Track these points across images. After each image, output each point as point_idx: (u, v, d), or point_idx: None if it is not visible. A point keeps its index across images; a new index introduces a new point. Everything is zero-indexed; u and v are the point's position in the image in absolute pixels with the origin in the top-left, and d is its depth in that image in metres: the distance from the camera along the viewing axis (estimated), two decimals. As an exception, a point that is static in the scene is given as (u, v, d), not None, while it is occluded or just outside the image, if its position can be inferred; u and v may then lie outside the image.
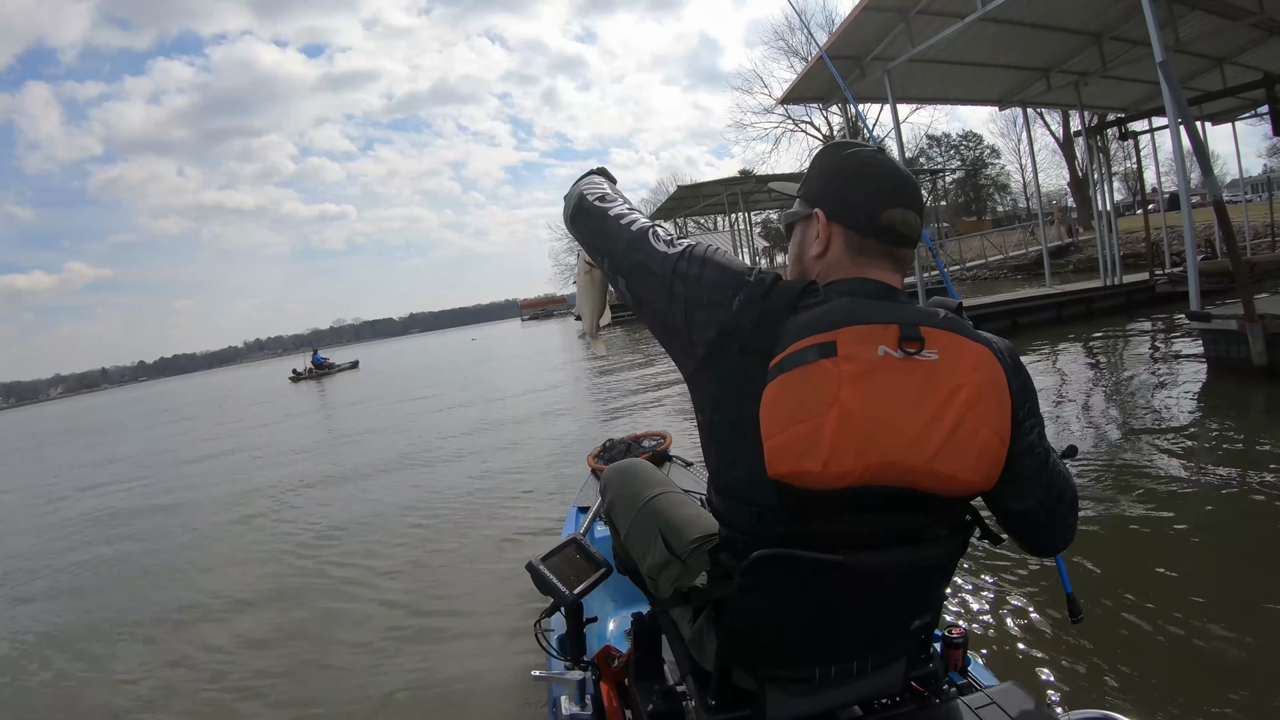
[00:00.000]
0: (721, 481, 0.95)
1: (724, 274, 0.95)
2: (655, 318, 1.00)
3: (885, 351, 0.83)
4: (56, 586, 4.67)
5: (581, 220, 1.12)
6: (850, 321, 0.85)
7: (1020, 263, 23.29)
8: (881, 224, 0.93)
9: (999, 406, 0.86)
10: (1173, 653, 2.16)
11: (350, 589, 3.76)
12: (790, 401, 0.82)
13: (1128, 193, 30.67)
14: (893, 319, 0.86)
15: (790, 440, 0.82)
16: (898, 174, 0.95)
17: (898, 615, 0.98)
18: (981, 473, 0.85)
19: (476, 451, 7.20)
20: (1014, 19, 9.19)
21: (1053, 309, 11.01)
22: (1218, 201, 6.35)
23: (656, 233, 1.03)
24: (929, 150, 42.10)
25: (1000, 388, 0.87)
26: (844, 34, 9.60)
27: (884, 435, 0.81)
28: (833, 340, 0.83)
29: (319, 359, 30.82)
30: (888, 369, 0.83)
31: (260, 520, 5.65)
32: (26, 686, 3.17)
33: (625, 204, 1.10)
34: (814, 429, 0.81)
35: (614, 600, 1.91)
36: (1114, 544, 2.96)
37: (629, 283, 1.03)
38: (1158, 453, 4.01)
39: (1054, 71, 11.31)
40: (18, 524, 7.39)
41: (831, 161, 0.99)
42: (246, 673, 2.92)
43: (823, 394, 0.81)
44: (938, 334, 0.86)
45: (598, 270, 1.27)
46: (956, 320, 0.90)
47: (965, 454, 0.83)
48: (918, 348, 0.84)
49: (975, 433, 0.84)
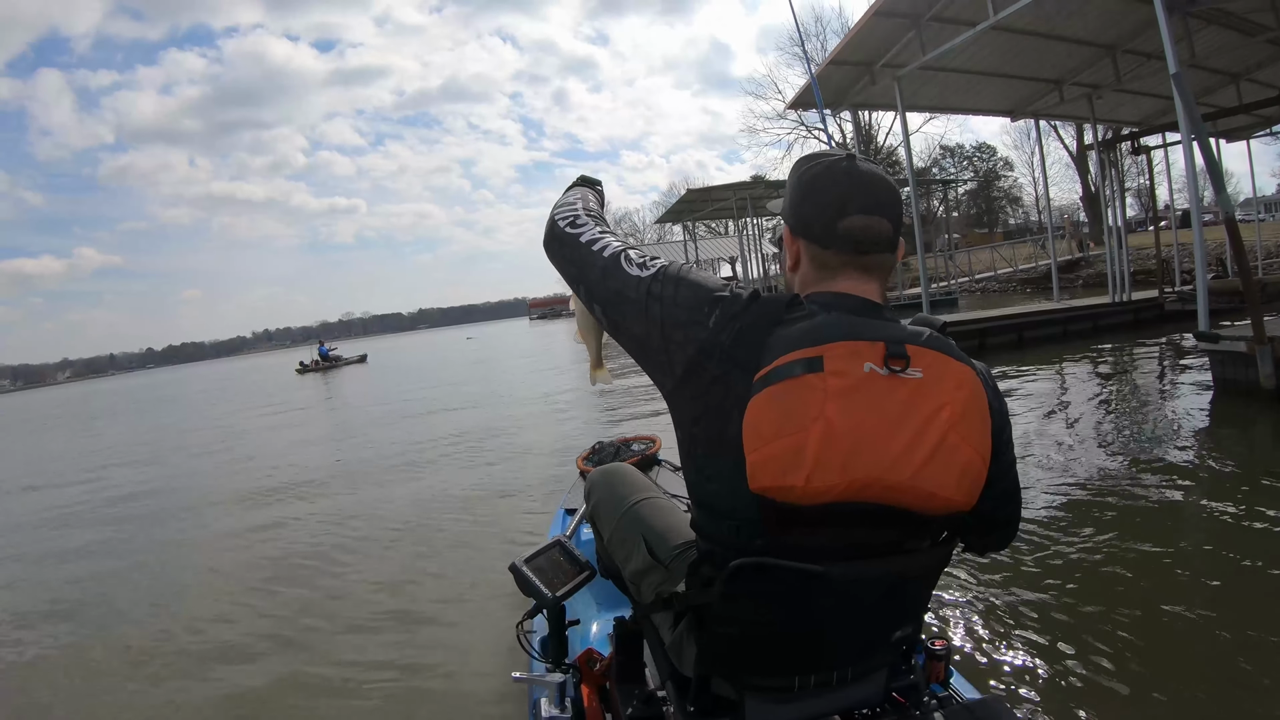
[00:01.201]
0: (700, 495, 0.96)
1: (698, 291, 0.96)
2: (633, 340, 1.00)
3: (871, 368, 0.84)
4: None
5: (555, 248, 1.12)
6: (839, 337, 0.85)
7: (1029, 276, 23.20)
8: (838, 233, 0.93)
9: (981, 426, 0.87)
10: (1158, 674, 2.14)
11: (325, 583, 3.74)
12: (775, 415, 0.82)
13: (1140, 209, 30.51)
14: (880, 336, 0.86)
15: (774, 454, 0.82)
16: (855, 181, 0.94)
17: (879, 626, 0.98)
18: (963, 491, 0.85)
19: (467, 449, 7.19)
20: (1026, 29, 9.15)
21: (1059, 325, 10.90)
22: (1230, 219, 6.28)
23: (629, 256, 1.03)
24: (942, 161, 42.06)
25: (982, 408, 0.88)
26: (854, 40, 9.59)
27: (867, 452, 0.81)
28: (820, 355, 0.83)
29: (325, 351, 30.99)
30: (873, 386, 0.83)
31: (244, 517, 5.62)
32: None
33: (597, 227, 1.10)
34: (798, 443, 0.81)
35: (597, 603, 1.91)
36: (1107, 567, 2.93)
37: (605, 309, 1.04)
38: (1157, 477, 3.94)
39: (1067, 83, 11.28)
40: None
41: (795, 176, 0.99)
42: (220, 673, 2.88)
43: (808, 408, 0.82)
44: (923, 353, 0.86)
45: None
46: (941, 340, 0.90)
47: (947, 472, 0.84)
48: (903, 365, 0.84)
49: (957, 451, 0.84)
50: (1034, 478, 4.13)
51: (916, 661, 1.23)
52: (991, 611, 2.64)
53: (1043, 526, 3.39)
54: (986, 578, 2.91)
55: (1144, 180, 25.08)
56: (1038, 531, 3.34)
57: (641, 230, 53.30)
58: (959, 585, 2.86)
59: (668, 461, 2.72)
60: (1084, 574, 2.86)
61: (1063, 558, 3.02)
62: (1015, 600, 2.71)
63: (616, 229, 5.99)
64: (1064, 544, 3.15)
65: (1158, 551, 3.01)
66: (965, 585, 2.86)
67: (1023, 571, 2.94)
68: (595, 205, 1.22)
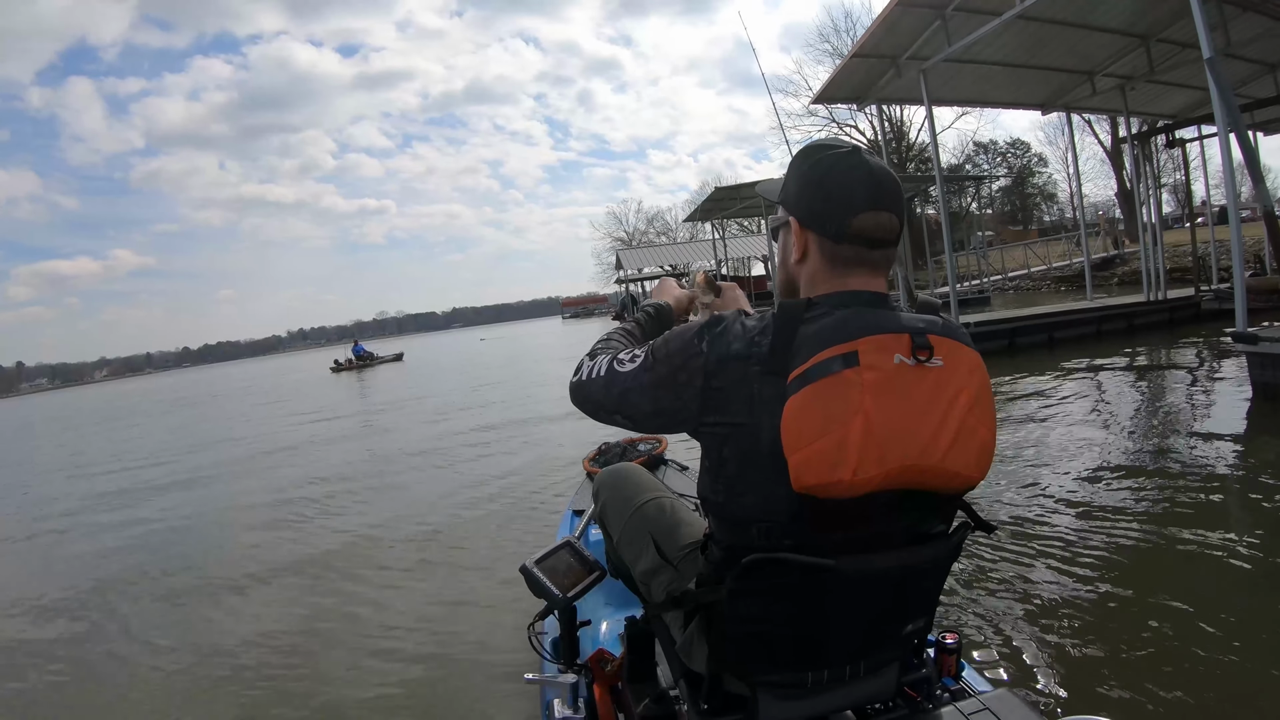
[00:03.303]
0: (728, 512, 0.97)
1: (684, 333, 0.99)
2: (655, 418, 1.02)
3: (901, 360, 0.87)
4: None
5: (577, 399, 1.14)
6: (868, 330, 0.88)
7: (1064, 274, 22.76)
8: (852, 231, 0.95)
9: (990, 407, 0.92)
10: (1177, 674, 2.10)
11: (338, 585, 3.76)
12: (818, 413, 0.85)
13: (1177, 205, 29.73)
14: (904, 328, 0.89)
15: (820, 451, 0.84)
16: (868, 177, 0.95)
17: (890, 619, 0.99)
18: (981, 468, 0.91)
19: (484, 447, 7.26)
20: (1054, 18, 8.93)
21: (1092, 324, 10.61)
22: (1268, 214, 6.10)
23: (619, 359, 1.06)
24: (976, 157, 41.34)
25: (989, 390, 0.93)
26: (878, 31, 9.36)
27: (901, 440, 0.85)
28: (854, 350, 0.86)
29: (360, 350, 31.33)
30: (904, 377, 0.87)
31: (254, 512, 5.74)
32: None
33: (590, 357, 1.12)
34: (841, 439, 0.84)
35: (608, 604, 1.91)
36: (1127, 566, 2.86)
37: (622, 413, 1.05)
38: (1185, 483, 3.78)
39: (1098, 75, 11.00)
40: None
41: (804, 167, 1.00)
42: (223, 671, 2.90)
43: (848, 403, 0.84)
44: (942, 341, 0.90)
45: None
46: (954, 327, 0.94)
47: (968, 453, 0.89)
48: (928, 355, 0.88)
49: (975, 433, 0.89)
50: (1057, 477, 4.05)
51: (928, 655, 1.25)
52: (1003, 605, 2.63)
53: (1061, 522, 3.34)
54: (993, 569, 2.90)
55: (1180, 176, 24.37)
56: (1056, 527, 3.29)
57: (674, 229, 53.27)
58: (968, 577, 2.84)
59: (674, 461, 2.74)
60: (1100, 572, 2.81)
61: (1078, 555, 2.98)
62: (1022, 590, 2.70)
63: (649, 228, 5.73)
64: (1081, 542, 3.10)
65: (1182, 554, 2.93)
66: (976, 578, 2.84)
67: (1035, 565, 2.91)
68: (616, 337, 1.23)
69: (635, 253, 43.38)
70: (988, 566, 2.95)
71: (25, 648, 3.43)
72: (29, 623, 3.78)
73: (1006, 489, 3.94)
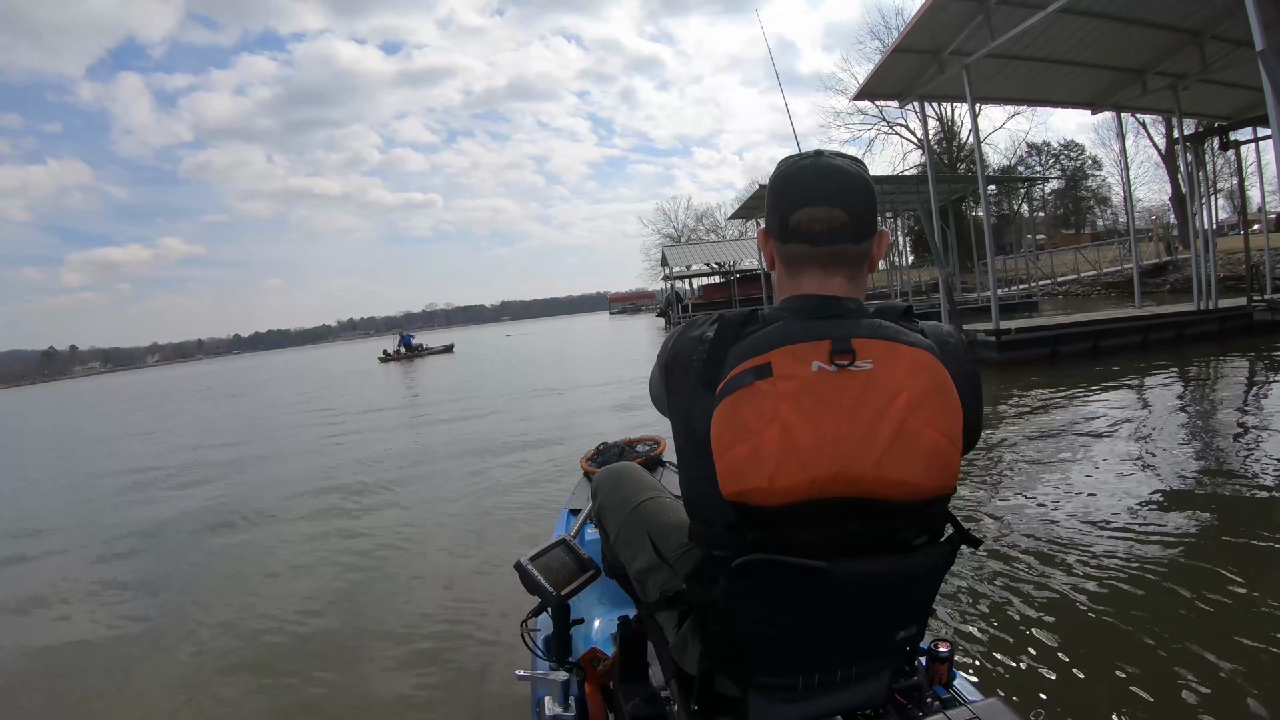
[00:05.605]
0: (689, 500, 1.01)
1: (653, 373, 1.06)
2: (653, 400, 1.12)
3: (819, 366, 0.86)
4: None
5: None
6: (784, 342, 0.88)
7: (1114, 280, 22.12)
8: (792, 226, 0.97)
9: (945, 407, 0.88)
10: (1170, 691, 2.06)
11: (331, 583, 3.77)
12: (733, 423, 0.87)
13: (1233, 210, 28.57)
14: (825, 335, 0.88)
15: (735, 460, 0.86)
16: (814, 174, 0.96)
17: (883, 625, 0.99)
18: (934, 476, 0.87)
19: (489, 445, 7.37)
20: (1102, 12, 8.62)
21: (1139, 333, 10.19)
22: (1327, 221, 5.78)
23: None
24: (1028, 159, 40.23)
25: (945, 388, 0.88)
26: (919, 25, 9.09)
27: (828, 448, 0.84)
28: (768, 362, 0.87)
29: (409, 339, 31.80)
30: (824, 383, 0.86)
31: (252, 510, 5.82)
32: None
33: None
34: (755, 447, 0.85)
35: (601, 603, 1.91)
36: (1136, 589, 2.74)
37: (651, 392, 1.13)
38: (1231, 509, 3.58)
39: (1150, 73, 10.60)
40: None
41: (772, 175, 1.03)
42: (210, 673, 2.90)
43: (761, 413, 0.85)
44: (870, 344, 0.88)
45: None
46: (893, 328, 0.91)
47: (912, 458, 0.86)
48: (850, 360, 0.87)
49: (919, 436, 0.86)
50: (1075, 491, 3.95)
51: (919, 663, 1.25)
52: (996, 614, 2.59)
53: (1073, 538, 3.25)
54: (987, 578, 2.86)
55: (1235, 180, 23.43)
56: (1066, 541, 3.21)
57: (722, 226, 52.86)
58: (961, 586, 2.81)
59: (672, 463, 2.69)
60: (1106, 589, 2.73)
61: (1088, 570, 2.90)
62: (1016, 600, 2.67)
63: (699, 225, 5.78)
64: (1091, 559, 3.01)
65: (1194, 578, 2.78)
66: (969, 587, 2.81)
67: (1040, 578, 2.86)
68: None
69: (681, 250, 43.00)
70: (988, 576, 2.90)
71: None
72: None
73: (1020, 500, 3.86)
